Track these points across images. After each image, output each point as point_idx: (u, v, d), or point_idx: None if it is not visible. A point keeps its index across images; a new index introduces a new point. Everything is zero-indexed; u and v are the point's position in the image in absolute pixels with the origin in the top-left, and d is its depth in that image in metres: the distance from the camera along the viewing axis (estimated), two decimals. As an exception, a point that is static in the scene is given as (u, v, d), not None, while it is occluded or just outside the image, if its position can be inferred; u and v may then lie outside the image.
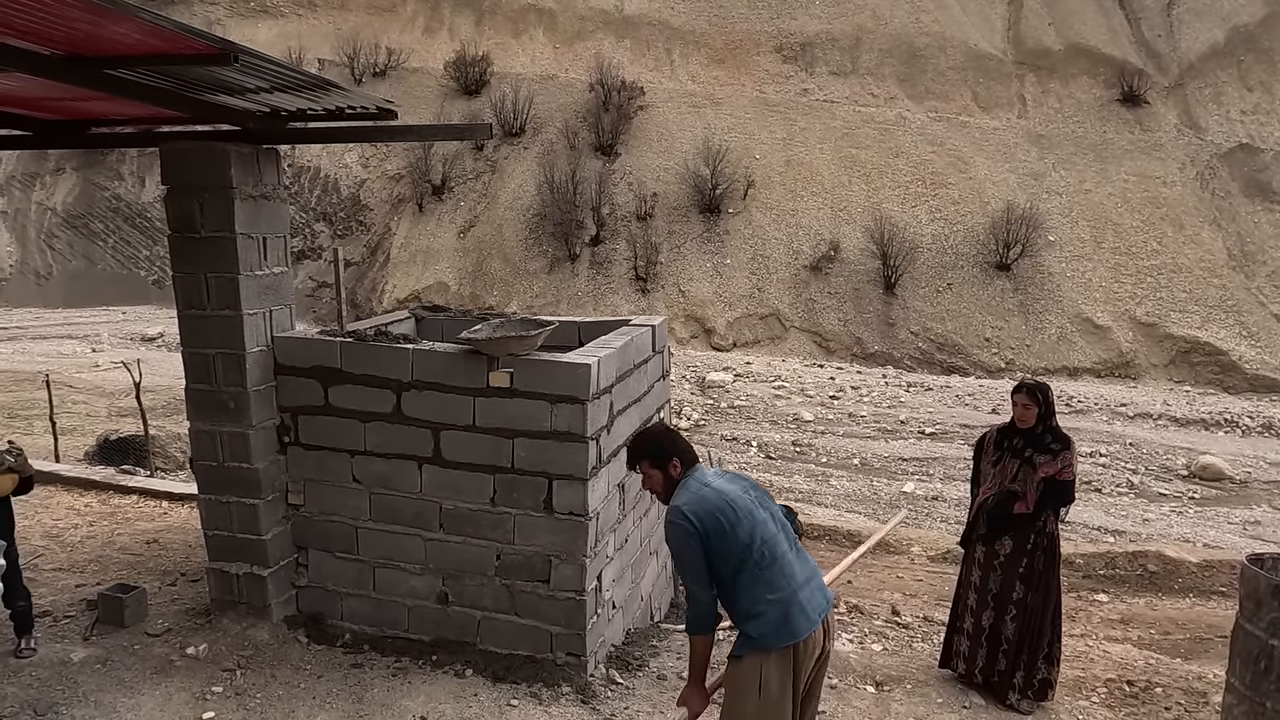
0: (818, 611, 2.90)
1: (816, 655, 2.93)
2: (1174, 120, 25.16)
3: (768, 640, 2.84)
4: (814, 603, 2.90)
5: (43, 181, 30.27)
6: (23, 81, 3.58)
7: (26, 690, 3.98)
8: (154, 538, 6.08)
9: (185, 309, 4.48)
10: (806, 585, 2.90)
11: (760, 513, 2.91)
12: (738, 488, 2.94)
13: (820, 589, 2.96)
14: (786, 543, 2.93)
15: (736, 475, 3.07)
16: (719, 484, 2.92)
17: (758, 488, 3.03)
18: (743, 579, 2.85)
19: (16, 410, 12.75)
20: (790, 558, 2.91)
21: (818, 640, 2.91)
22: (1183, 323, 20.95)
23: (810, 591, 2.91)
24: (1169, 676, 5.11)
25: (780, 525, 2.96)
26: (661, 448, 3.00)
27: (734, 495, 2.89)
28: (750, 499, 2.92)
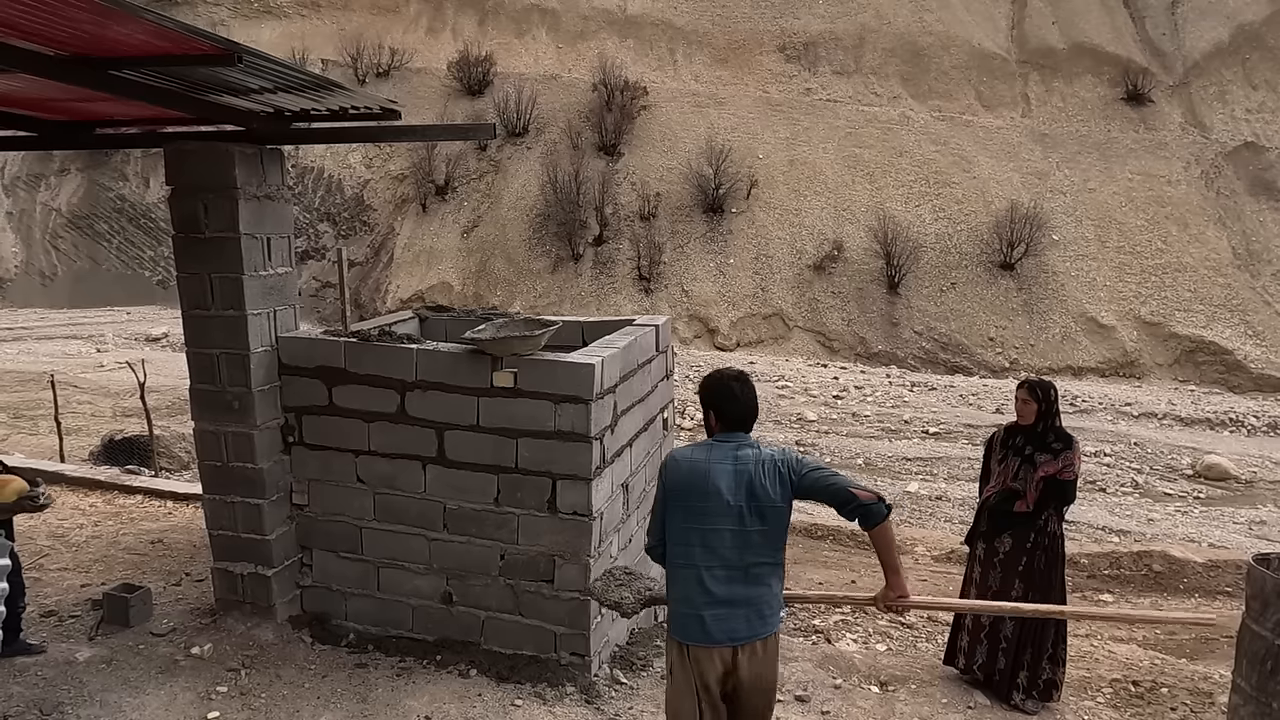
0: (726, 636, 2.79)
1: (723, 669, 2.81)
2: (1179, 119, 25.09)
3: (671, 627, 2.91)
4: (722, 626, 2.79)
5: (48, 182, 30.36)
6: (28, 82, 3.59)
7: (32, 690, 3.99)
8: (159, 538, 6.09)
9: (190, 309, 4.48)
10: (723, 606, 2.79)
11: (724, 522, 2.77)
12: (731, 485, 2.77)
13: (748, 619, 2.79)
14: (727, 563, 2.78)
15: (759, 463, 2.80)
16: (721, 468, 2.80)
17: (761, 497, 2.77)
18: (670, 556, 2.88)
19: (22, 410, 12.78)
20: (718, 576, 2.78)
21: (720, 655, 2.80)
22: (1187, 322, 20.90)
23: (725, 614, 2.79)
24: (1174, 677, 5.10)
25: (737, 547, 2.78)
26: (709, 393, 2.95)
27: (715, 489, 2.77)
28: (729, 504, 2.76)
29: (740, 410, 2.91)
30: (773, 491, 2.78)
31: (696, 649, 2.82)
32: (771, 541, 2.84)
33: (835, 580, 7.34)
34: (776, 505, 2.79)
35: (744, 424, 2.92)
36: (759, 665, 2.85)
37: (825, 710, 4.22)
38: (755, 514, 2.78)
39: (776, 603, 2.89)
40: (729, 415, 2.90)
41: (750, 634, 2.81)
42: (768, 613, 2.85)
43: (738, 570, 2.80)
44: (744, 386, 2.96)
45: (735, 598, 2.79)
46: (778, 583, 2.89)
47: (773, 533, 2.83)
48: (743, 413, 2.91)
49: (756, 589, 2.82)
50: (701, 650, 2.82)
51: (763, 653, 2.85)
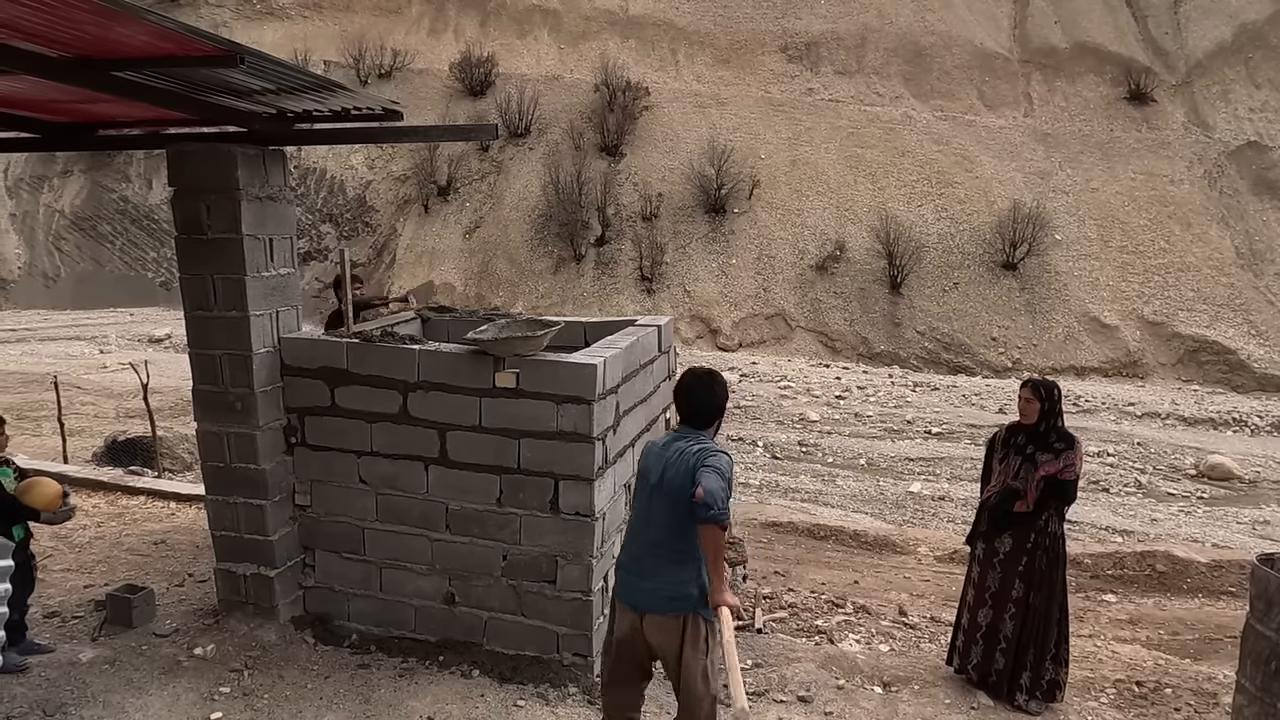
0: (628, 600, 3.18)
1: (628, 633, 3.18)
2: (1181, 118, 25.06)
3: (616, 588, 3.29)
4: (626, 590, 3.19)
5: (50, 184, 30.42)
6: (31, 84, 3.60)
7: (35, 690, 4.00)
8: (161, 538, 6.09)
9: (192, 310, 4.49)
10: (631, 574, 3.17)
11: (641, 503, 3.18)
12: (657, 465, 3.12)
13: (651, 594, 3.11)
14: (639, 539, 3.17)
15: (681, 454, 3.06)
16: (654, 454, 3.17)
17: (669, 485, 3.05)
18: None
19: (25, 411, 12.80)
20: (631, 548, 3.20)
21: (630, 623, 3.17)
22: (1191, 322, 20.86)
23: (627, 577, 3.19)
24: (1178, 677, 5.08)
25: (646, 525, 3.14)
26: (676, 392, 3.25)
27: (648, 471, 3.15)
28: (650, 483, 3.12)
29: (687, 406, 3.16)
30: (678, 482, 3.02)
31: (617, 601, 3.25)
32: (675, 529, 3.06)
33: (837, 580, 7.32)
34: (680, 497, 3.01)
35: (693, 420, 3.17)
36: (663, 639, 3.13)
37: (828, 711, 4.21)
38: (664, 501, 3.07)
39: (685, 590, 3.09)
40: (680, 410, 3.20)
41: (649, 606, 3.12)
42: (671, 595, 3.10)
43: (645, 545, 3.14)
44: (700, 384, 3.18)
45: (643, 571, 3.14)
46: (686, 572, 3.10)
47: (675, 522, 3.05)
48: (689, 409, 3.16)
49: (659, 568, 3.10)
50: (617, 604, 3.24)
51: (662, 630, 3.11)
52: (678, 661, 3.13)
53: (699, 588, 3.10)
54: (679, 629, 3.11)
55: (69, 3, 2.61)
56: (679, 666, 3.13)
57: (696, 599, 3.10)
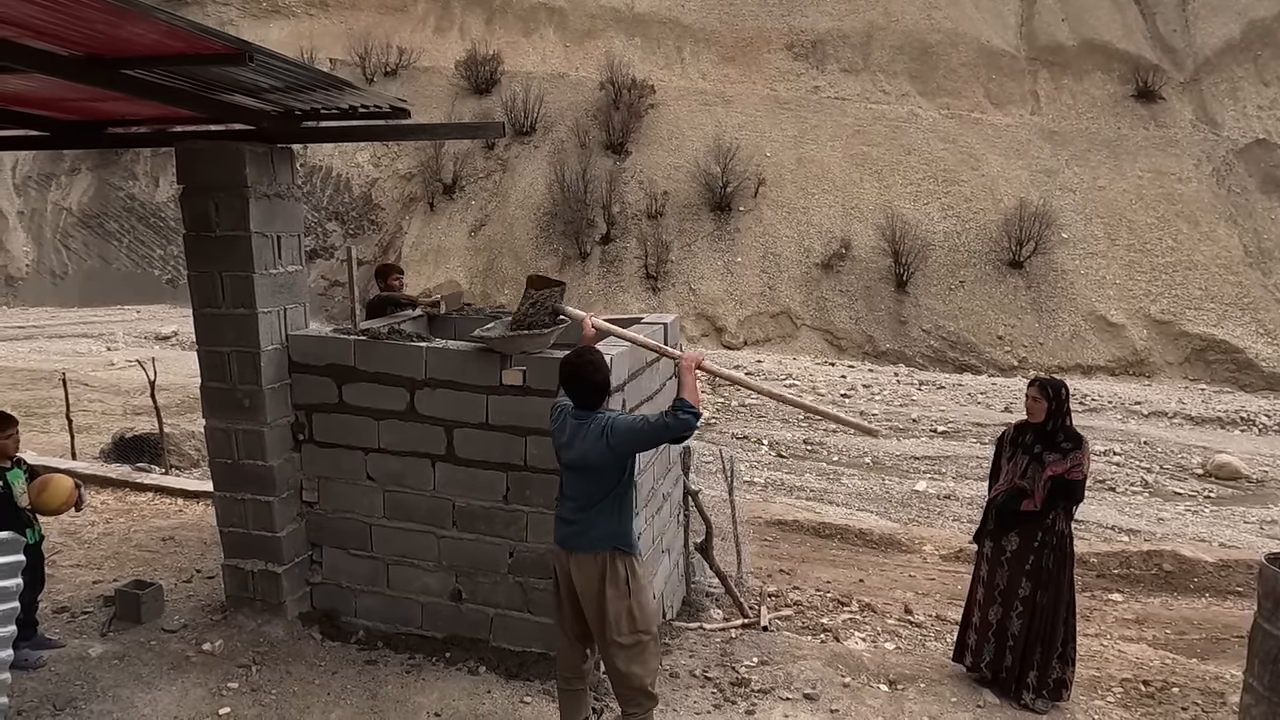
0: (559, 540, 3.48)
1: (562, 569, 3.46)
2: (1189, 116, 24.95)
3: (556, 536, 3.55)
4: (560, 532, 3.48)
5: (58, 182, 30.55)
6: (41, 82, 3.61)
7: (45, 685, 4.02)
8: (169, 535, 6.12)
9: (201, 307, 4.50)
10: (564, 523, 3.44)
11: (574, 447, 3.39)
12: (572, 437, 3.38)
13: (576, 535, 3.40)
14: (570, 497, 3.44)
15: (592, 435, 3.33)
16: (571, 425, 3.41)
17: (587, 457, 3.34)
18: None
19: (34, 408, 12.87)
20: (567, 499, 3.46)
21: (560, 557, 3.47)
22: (1198, 320, 20.78)
23: (562, 526, 3.45)
24: (1185, 676, 5.07)
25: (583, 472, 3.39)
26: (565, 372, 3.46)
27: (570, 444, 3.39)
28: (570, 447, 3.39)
29: (577, 394, 3.40)
30: (593, 448, 3.34)
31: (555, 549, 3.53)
32: (595, 485, 3.38)
33: (842, 579, 7.33)
34: (593, 461, 3.35)
35: (589, 405, 3.40)
36: (581, 575, 3.40)
37: (834, 709, 4.21)
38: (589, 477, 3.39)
39: (601, 532, 3.39)
40: (572, 396, 3.42)
41: (575, 546, 3.41)
42: (593, 534, 3.39)
43: (573, 501, 3.44)
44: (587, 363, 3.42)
45: (570, 519, 3.43)
46: (604, 520, 3.40)
47: (595, 479, 3.38)
48: (580, 396, 3.40)
49: (584, 515, 3.41)
50: (555, 549, 3.53)
51: (581, 566, 3.39)
52: (595, 600, 3.37)
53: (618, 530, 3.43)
54: (599, 568, 3.38)
55: (79, 1, 2.63)
56: (593, 603, 3.38)
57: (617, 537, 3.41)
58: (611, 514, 3.41)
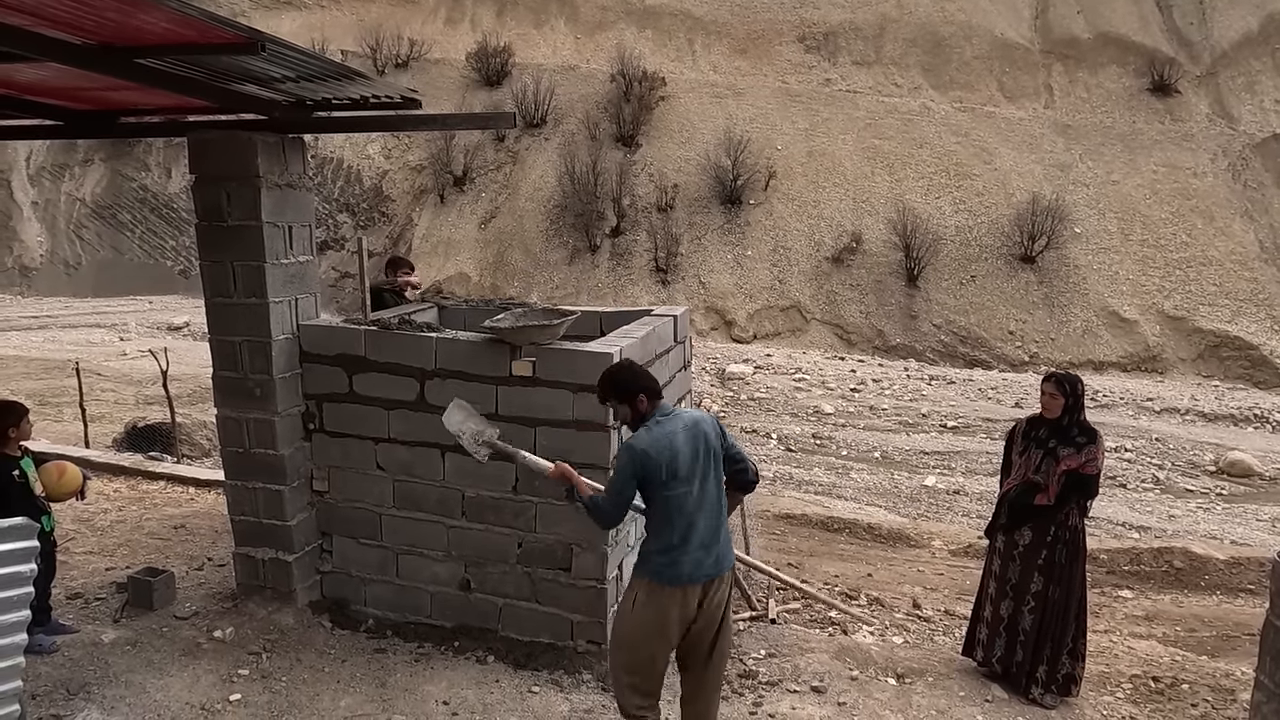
0: (700, 574, 3.17)
1: (692, 609, 3.19)
2: (1205, 110, 24.69)
3: (644, 570, 3.22)
4: (700, 566, 3.17)
5: (72, 172, 30.72)
6: (56, 71, 3.63)
7: (59, 670, 4.07)
8: (181, 523, 6.17)
9: (212, 297, 4.53)
10: (701, 549, 3.16)
11: (696, 482, 3.14)
12: (690, 449, 3.13)
13: (718, 559, 3.20)
14: (705, 509, 3.17)
15: (696, 427, 3.18)
16: (677, 439, 3.12)
17: (711, 446, 3.19)
18: (653, 520, 3.20)
19: (47, 397, 12.98)
20: (697, 521, 3.16)
21: (690, 598, 3.17)
22: (1212, 316, 20.61)
23: (702, 555, 3.16)
24: (1195, 673, 5.04)
25: (711, 493, 3.20)
26: (625, 383, 3.21)
27: (684, 456, 3.12)
28: (698, 464, 3.15)
29: (652, 380, 3.24)
30: (715, 443, 3.23)
31: (667, 590, 3.16)
32: (719, 488, 3.26)
33: (850, 573, 7.31)
34: (718, 454, 3.24)
35: (661, 395, 3.27)
36: (718, 595, 3.24)
37: (841, 701, 4.21)
38: (716, 463, 3.22)
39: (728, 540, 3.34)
40: (653, 389, 3.21)
41: (716, 571, 3.21)
42: (729, 544, 3.29)
43: (710, 515, 3.20)
44: (637, 367, 3.33)
45: (709, 539, 3.19)
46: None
47: (718, 481, 3.26)
48: (656, 384, 3.25)
49: (720, 532, 3.24)
50: (673, 589, 3.16)
51: (722, 586, 3.25)
52: (725, 613, 3.27)
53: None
54: (731, 580, 3.33)
55: (93, -11, 2.64)
56: (724, 620, 3.28)
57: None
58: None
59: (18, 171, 30.73)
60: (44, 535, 3.88)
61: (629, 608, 3.26)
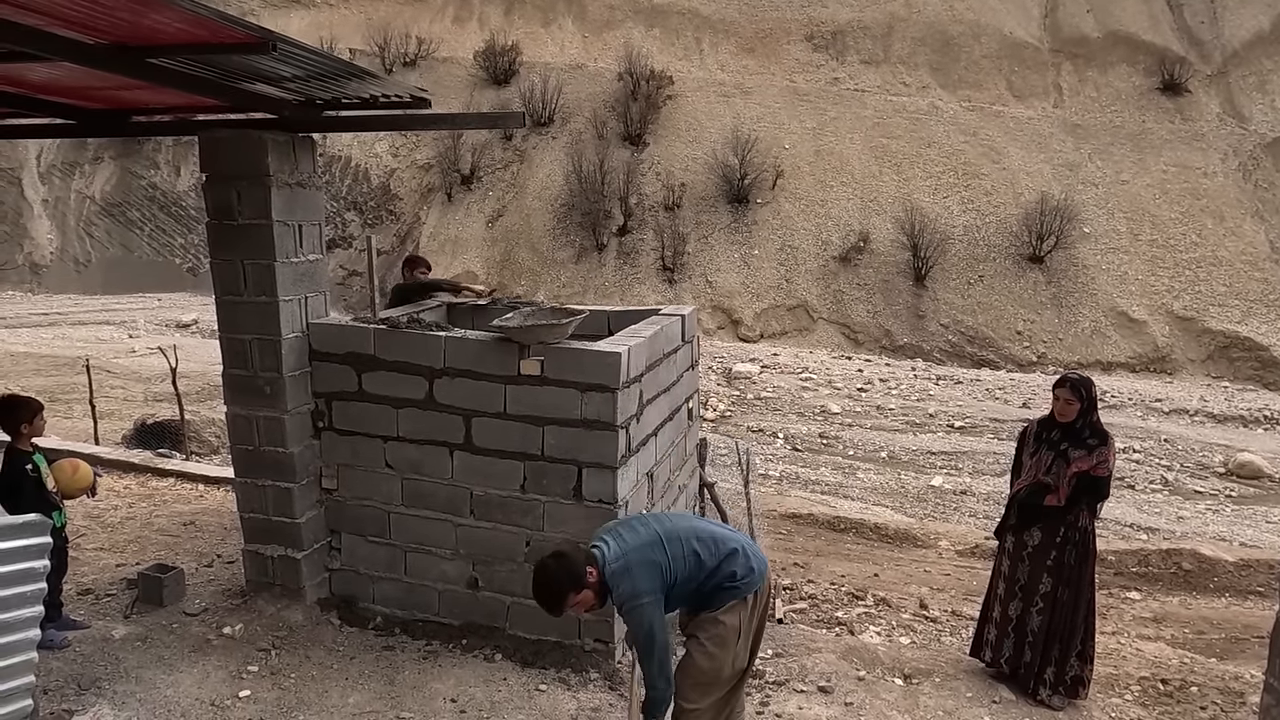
0: (760, 562, 3.26)
1: (766, 598, 3.32)
2: (1216, 109, 24.55)
3: (749, 583, 3.17)
4: (757, 554, 3.28)
5: (82, 170, 30.86)
6: (68, 71, 3.65)
7: (71, 665, 4.10)
8: (191, 520, 6.20)
9: (223, 295, 4.55)
10: (749, 554, 3.23)
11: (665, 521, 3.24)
12: (635, 530, 3.15)
13: (761, 558, 3.31)
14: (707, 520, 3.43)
15: (633, 520, 3.26)
16: (632, 542, 3.06)
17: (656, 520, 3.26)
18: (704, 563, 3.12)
19: (57, 394, 13.05)
20: (718, 526, 3.41)
21: (761, 596, 3.26)
22: (1222, 317, 20.49)
23: (750, 559, 3.22)
24: (1204, 676, 5.02)
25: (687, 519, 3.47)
26: (567, 576, 2.97)
27: (642, 534, 3.11)
28: (648, 519, 3.24)
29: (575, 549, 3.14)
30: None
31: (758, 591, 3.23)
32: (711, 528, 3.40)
33: (857, 573, 7.31)
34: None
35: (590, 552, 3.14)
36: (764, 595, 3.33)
37: (849, 702, 4.21)
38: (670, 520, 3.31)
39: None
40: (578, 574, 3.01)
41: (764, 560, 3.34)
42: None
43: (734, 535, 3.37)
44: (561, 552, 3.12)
45: (750, 547, 3.29)
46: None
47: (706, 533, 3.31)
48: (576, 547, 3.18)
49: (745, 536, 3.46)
50: (759, 589, 3.23)
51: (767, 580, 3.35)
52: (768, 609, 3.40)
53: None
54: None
55: (107, -11, 2.65)
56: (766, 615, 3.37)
57: None
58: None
59: (28, 169, 30.89)
60: (56, 531, 3.90)
61: (730, 639, 3.11)
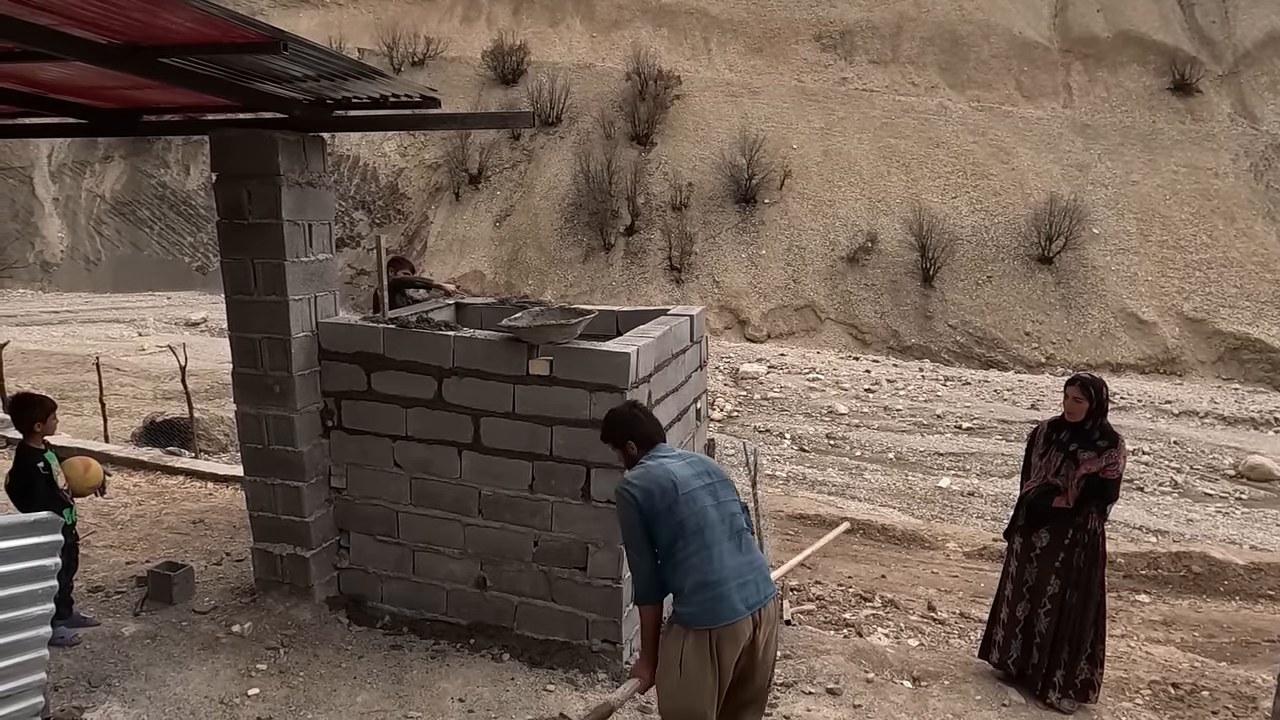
0: (747, 604, 2.91)
1: (743, 645, 2.92)
2: (1227, 109, 24.40)
3: (686, 619, 2.91)
4: (744, 595, 2.91)
5: (92, 169, 31.02)
6: (80, 70, 3.67)
7: (81, 662, 4.12)
8: (200, 518, 6.22)
9: (233, 294, 4.56)
10: (739, 578, 2.92)
11: (705, 499, 2.95)
12: (690, 471, 2.98)
13: (758, 583, 2.96)
14: (728, 533, 2.96)
15: (699, 460, 3.09)
16: (670, 464, 2.99)
17: (717, 474, 3.07)
18: (675, 557, 2.93)
19: (67, 392, 13.12)
20: (725, 549, 2.93)
21: (743, 630, 2.90)
22: (1233, 318, 20.37)
23: (742, 584, 2.92)
24: (1215, 680, 4.99)
25: (726, 516, 2.99)
26: (617, 429, 3.14)
27: (681, 477, 2.94)
28: (700, 485, 2.97)
29: (648, 428, 3.14)
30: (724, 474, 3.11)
31: (718, 631, 2.88)
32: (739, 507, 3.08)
33: (864, 574, 7.29)
34: (727, 480, 3.09)
35: (656, 440, 3.12)
36: (770, 624, 3.01)
37: (857, 704, 4.20)
38: (721, 493, 3.03)
39: (767, 564, 3.15)
40: (645, 436, 3.11)
41: (762, 599, 2.96)
42: (768, 571, 3.09)
43: (737, 541, 2.99)
44: (644, 410, 3.23)
45: (745, 566, 2.97)
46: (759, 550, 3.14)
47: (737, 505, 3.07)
48: (650, 429, 3.14)
49: (753, 556, 3.02)
50: (722, 629, 2.88)
51: (769, 613, 3.01)
52: (771, 642, 3.04)
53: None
54: (777, 606, 3.19)
55: (119, -11, 2.66)
56: (771, 646, 3.03)
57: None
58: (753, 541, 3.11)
59: (40, 168, 31.07)
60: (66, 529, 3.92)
61: (675, 667, 2.90)
